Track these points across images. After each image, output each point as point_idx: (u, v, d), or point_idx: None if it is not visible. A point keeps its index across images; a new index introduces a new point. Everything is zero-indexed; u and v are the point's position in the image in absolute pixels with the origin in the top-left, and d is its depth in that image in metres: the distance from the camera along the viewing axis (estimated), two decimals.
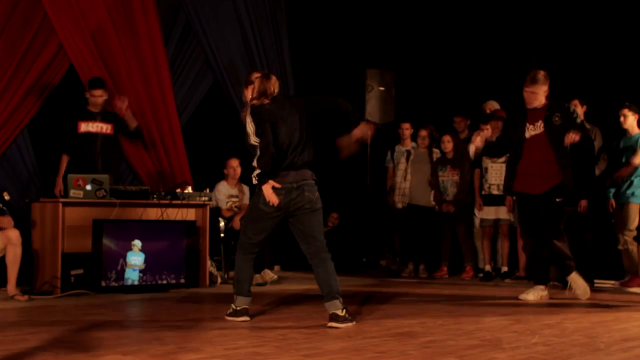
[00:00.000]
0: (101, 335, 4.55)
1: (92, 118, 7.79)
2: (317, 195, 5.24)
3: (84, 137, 7.76)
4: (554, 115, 6.57)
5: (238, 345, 4.21)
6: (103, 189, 7.02)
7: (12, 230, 6.41)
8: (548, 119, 6.58)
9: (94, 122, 7.80)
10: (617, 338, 4.49)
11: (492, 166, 8.44)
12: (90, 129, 7.78)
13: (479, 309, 5.88)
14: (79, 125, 7.76)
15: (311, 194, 5.19)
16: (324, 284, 5.11)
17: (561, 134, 6.50)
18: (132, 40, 8.67)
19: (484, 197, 8.54)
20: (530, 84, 6.60)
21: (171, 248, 7.22)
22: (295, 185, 5.14)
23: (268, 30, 10.26)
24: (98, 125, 7.81)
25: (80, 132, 7.76)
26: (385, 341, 4.36)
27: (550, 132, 6.57)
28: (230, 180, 8.54)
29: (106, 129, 7.85)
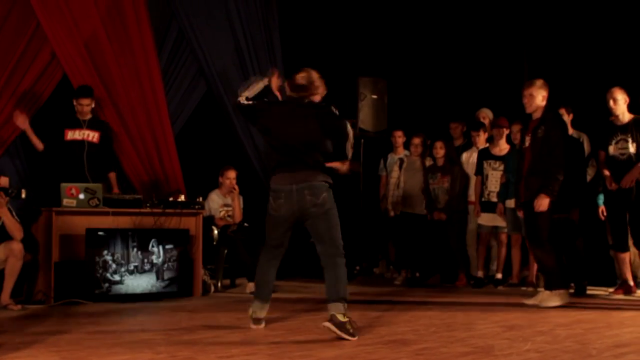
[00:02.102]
0: (94, 344, 4.55)
1: (78, 126, 7.79)
2: (325, 196, 5.09)
3: (70, 145, 7.76)
4: (539, 128, 6.64)
5: (231, 353, 4.22)
6: (96, 197, 7.02)
7: (16, 242, 6.42)
8: (534, 131, 6.66)
9: (80, 130, 7.79)
10: (608, 344, 4.50)
11: (492, 173, 8.48)
12: (76, 136, 7.78)
13: (471, 316, 5.89)
14: (65, 133, 7.77)
15: (314, 197, 5.08)
16: (331, 288, 5.00)
17: (539, 148, 6.60)
18: (125, 49, 8.67)
19: (482, 204, 8.57)
20: (527, 87, 6.70)
21: (164, 257, 7.21)
22: (295, 188, 5.10)
23: (261, 38, 10.27)
24: (84, 133, 7.81)
25: (66, 139, 7.77)
26: (378, 349, 4.37)
27: (533, 144, 6.67)
28: (223, 189, 8.55)
29: (92, 136, 7.84)
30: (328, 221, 5.12)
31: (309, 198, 5.09)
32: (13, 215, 6.51)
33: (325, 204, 5.09)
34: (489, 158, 8.58)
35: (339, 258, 5.08)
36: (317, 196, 5.08)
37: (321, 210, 5.10)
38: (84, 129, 7.81)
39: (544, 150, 6.59)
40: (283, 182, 5.16)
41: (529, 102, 6.72)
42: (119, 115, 8.53)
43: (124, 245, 7.00)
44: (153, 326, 5.54)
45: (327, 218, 5.12)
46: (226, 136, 10.01)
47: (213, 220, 8.40)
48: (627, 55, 8.65)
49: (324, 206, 5.10)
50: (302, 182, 5.10)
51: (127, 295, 6.96)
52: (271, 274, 5.38)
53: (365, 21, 10.96)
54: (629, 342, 4.56)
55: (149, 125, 8.80)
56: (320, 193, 5.09)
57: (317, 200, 5.09)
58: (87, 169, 7.72)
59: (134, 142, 8.67)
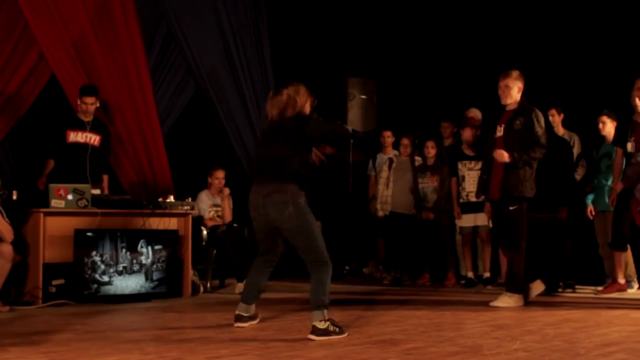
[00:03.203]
0: (82, 345, 4.54)
1: (81, 127, 7.78)
2: (290, 211, 4.97)
3: (72, 147, 7.74)
4: (517, 119, 6.61)
5: (220, 354, 4.21)
6: (85, 198, 7.00)
7: (6, 244, 6.39)
8: (510, 122, 6.63)
9: (83, 132, 7.78)
10: (597, 343, 4.51)
11: (469, 174, 8.47)
12: (79, 139, 7.77)
13: (460, 316, 5.90)
14: (67, 134, 7.75)
15: (277, 213, 5.01)
16: (312, 295, 4.94)
17: (516, 139, 6.54)
18: (114, 49, 8.65)
19: (462, 205, 8.55)
20: (503, 77, 6.69)
21: (153, 257, 7.20)
22: (261, 202, 5.09)
23: (250, 39, 10.28)
24: (87, 136, 7.80)
25: (68, 141, 7.74)
26: (367, 348, 4.37)
27: (507, 135, 6.63)
28: (213, 189, 8.55)
29: (94, 140, 7.85)
30: (300, 234, 5.03)
31: (273, 215, 5.05)
32: (4, 217, 6.48)
33: (291, 219, 4.99)
34: (463, 158, 8.57)
35: (321, 265, 4.99)
36: (281, 212, 5.00)
37: (290, 225, 5.02)
38: (87, 131, 7.79)
39: (524, 142, 6.56)
40: (253, 194, 5.18)
41: (504, 93, 6.69)
42: (107, 115, 8.52)
43: (113, 246, 6.98)
44: (142, 327, 5.53)
45: (298, 232, 5.03)
46: (215, 136, 10.01)
47: (202, 220, 8.40)
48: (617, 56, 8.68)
49: (292, 222, 5.00)
50: (267, 196, 5.06)
51: (116, 296, 6.94)
52: (257, 279, 5.39)
53: (354, 21, 10.97)
54: (617, 341, 4.58)
55: (137, 126, 8.79)
56: (285, 209, 4.99)
57: (283, 216, 5.01)
58: (89, 172, 7.72)
59: (123, 142, 8.66)
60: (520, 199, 6.58)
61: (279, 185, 5.02)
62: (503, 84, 6.70)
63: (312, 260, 5.01)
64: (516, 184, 6.55)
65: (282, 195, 4.99)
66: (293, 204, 4.98)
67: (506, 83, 6.68)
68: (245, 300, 5.38)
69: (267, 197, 5.05)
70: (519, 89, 6.70)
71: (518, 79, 6.71)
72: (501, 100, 6.74)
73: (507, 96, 6.69)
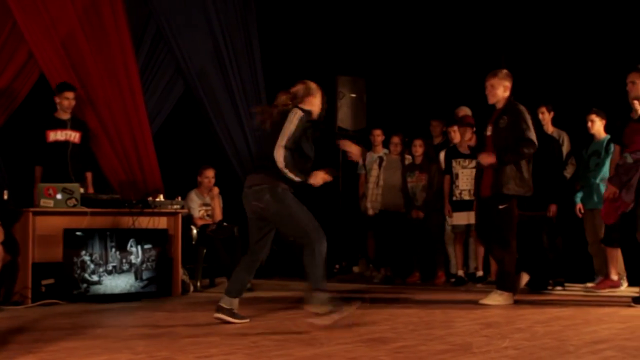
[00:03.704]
0: (72, 345, 4.53)
1: (60, 126, 7.75)
2: (267, 199, 5.20)
3: (53, 147, 7.72)
4: (501, 118, 6.63)
5: (210, 353, 4.20)
6: (74, 197, 6.98)
7: None
8: (496, 121, 6.65)
9: (62, 131, 7.76)
10: (586, 341, 4.53)
11: (463, 172, 8.48)
12: (59, 137, 7.74)
13: (450, 314, 5.91)
14: (47, 135, 7.72)
15: (258, 202, 5.26)
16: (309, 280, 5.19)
17: (502, 137, 6.56)
18: (103, 48, 8.64)
19: (455, 203, 8.55)
20: (490, 77, 6.71)
21: (143, 257, 7.18)
22: (247, 191, 5.34)
23: (239, 38, 10.26)
24: (67, 134, 7.77)
25: (49, 141, 7.72)
26: (356, 347, 4.37)
27: (495, 134, 6.65)
28: (202, 188, 8.54)
29: (74, 137, 7.82)
30: (283, 218, 5.26)
31: (254, 203, 5.30)
32: None
33: (269, 206, 5.22)
34: (458, 157, 8.58)
35: (315, 244, 5.16)
36: (259, 200, 5.26)
37: (269, 213, 5.26)
38: (67, 129, 7.77)
39: (510, 140, 6.58)
40: (245, 185, 5.43)
41: (490, 93, 6.72)
42: (97, 114, 8.51)
43: (102, 245, 6.96)
44: (131, 326, 5.52)
45: (280, 216, 5.26)
46: (204, 135, 9.99)
47: (192, 219, 8.39)
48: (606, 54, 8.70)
49: (270, 209, 5.23)
50: (249, 187, 5.34)
51: (106, 295, 6.92)
52: (242, 275, 5.49)
53: (344, 20, 10.97)
54: (607, 339, 4.60)
55: (127, 125, 8.77)
56: (262, 197, 5.23)
57: (261, 205, 5.26)
58: (70, 170, 7.69)
59: (112, 141, 8.64)
60: (509, 197, 6.59)
61: (261, 177, 5.28)
62: (489, 83, 6.73)
63: (304, 242, 5.20)
64: (505, 182, 6.55)
65: (260, 184, 5.24)
66: (269, 191, 5.21)
67: (491, 83, 6.71)
68: (228, 293, 5.46)
69: (249, 188, 5.33)
70: (505, 87, 6.71)
71: (504, 78, 6.71)
72: (488, 99, 6.76)
73: (493, 95, 6.72)
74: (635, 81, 6.51)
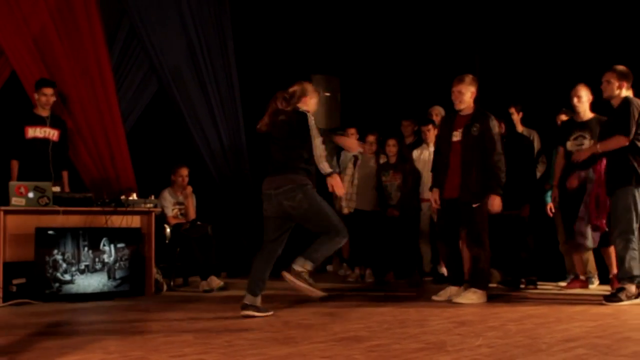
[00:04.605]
0: (43, 345, 4.49)
1: (40, 123, 7.69)
2: (300, 198, 5.45)
3: (32, 144, 7.65)
4: (473, 125, 6.68)
5: (184, 352, 4.19)
6: (46, 196, 6.92)
7: None
8: (467, 128, 6.69)
9: (42, 127, 7.70)
10: (558, 339, 4.56)
11: None
12: (37, 134, 7.68)
13: (424, 313, 5.93)
14: (25, 131, 7.65)
15: (289, 201, 5.48)
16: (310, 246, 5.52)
17: (474, 146, 6.61)
18: (76, 45, 8.57)
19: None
20: (457, 83, 6.74)
21: (116, 256, 7.14)
22: (273, 193, 5.52)
23: (213, 36, 10.23)
24: (46, 131, 7.71)
25: (27, 137, 7.65)
26: (331, 346, 4.37)
27: (466, 141, 6.69)
28: (176, 187, 8.51)
29: (53, 134, 7.76)
30: (314, 216, 5.52)
31: (285, 203, 5.51)
32: None
33: (302, 205, 5.48)
34: None
35: (338, 234, 5.55)
36: (292, 199, 5.49)
37: (299, 211, 5.50)
38: (47, 126, 7.70)
39: (482, 149, 6.62)
40: (266, 187, 5.62)
41: (457, 99, 6.75)
42: (69, 112, 8.45)
43: (75, 244, 6.91)
44: (104, 326, 5.48)
45: (309, 216, 5.52)
46: (178, 134, 9.95)
47: (165, 218, 8.35)
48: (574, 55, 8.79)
49: (302, 207, 5.48)
50: (279, 187, 5.51)
51: (78, 295, 6.88)
52: (262, 270, 5.69)
53: (318, 19, 10.97)
54: (578, 337, 4.63)
55: (100, 123, 8.71)
56: (295, 196, 5.48)
57: (293, 204, 5.50)
58: (51, 167, 7.64)
59: (85, 139, 8.58)
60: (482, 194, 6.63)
61: (288, 178, 5.51)
62: (456, 89, 6.76)
63: (330, 230, 5.54)
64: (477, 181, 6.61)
65: (290, 185, 5.49)
66: (301, 190, 5.49)
67: (459, 89, 6.74)
68: (251, 291, 5.67)
69: (275, 189, 5.54)
70: (472, 93, 6.76)
71: (471, 84, 6.76)
72: (455, 105, 6.79)
73: (461, 102, 6.75)
74: (610, 80, 6.58)
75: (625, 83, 6.54)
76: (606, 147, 6.50)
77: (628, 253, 6.35)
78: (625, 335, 4.66)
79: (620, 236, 6.39)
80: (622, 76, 6.54)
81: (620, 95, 6.54)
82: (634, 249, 6.37)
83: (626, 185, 6.40)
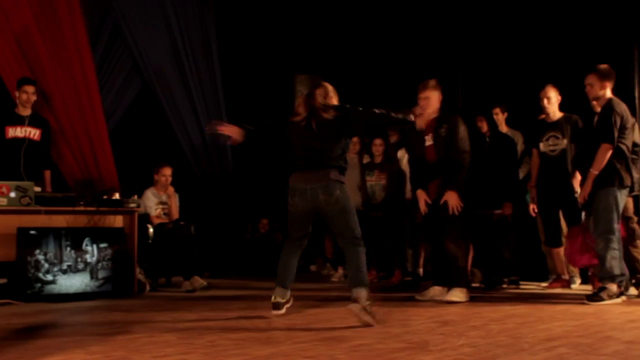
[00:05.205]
0: (25, 346, 4.46)
1: (20, 122, 7.65)
2: (338, 194, 5.46)
3: (10, 143, 7.61)
4: (441, 127, 6.70)
5: (166, 352, 4.17)
6: (28, 196, 6.88)
7: None
8: (436, 131, 6.71)
9: (22, 127, 7.65)
10: (540, 338, 4.58)
11: None
12: (17, 134, 7.64)
13: (406, 312, 5.94)
14: (6, 131, 7.61)
15: (326, 195, 5.46)
16: (351, 271, 5.47)
17: (445, 146, 6.64)
18: (58, 44, 8.53)
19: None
20: (422, 90, 6.75)
21: (98, 256, 7.11)
22: (309, 187, 5.49)
23: (197, 35, 10.22)
24: (26, 130, 7.66)
25: (7, 137, 7.61)
26: (314, 346, 4.37)
27: (437, 144, 6.71)
28: (159, 187, 8.48)
29: (34, 134, 7.72)
30: (344, 216, 5.52)
31: (322, 197, 5.48)
32: None
33: (339, 201, 5.48)
34: None
35: (359, 247, 5.52)
36: (330, 195, 5.47)
37: (336, 207, 5.49)
38: (26, 125, 7.66)
39: (449, 148, 6.65)
40: (298, 183, 5.58)
41: (426, 105, 6.73)
42: (52, 111, 8.40)
43: (57, 244, 6.88)
44: (86, 326, 5.46)
45: (342, 214, 5.51)
46: (162, 133, 9.93)
47: (148, 218, 8.32)
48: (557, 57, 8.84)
49: (338, 204, 5.48)
50: (316, 182, 5.49)
51: (60, 295, 6.84)
52: (292, 263, 5.78)
53: (302, 19, 10.97)
54: (560, 336, 4.66)
55: (82, 122, 8.67)
56: (334, 192, 5.47)
57: (331, 199, 5.48)
58: (22, 167, 7.58)
59: (67, 139, 8.53)
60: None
61: (326, 173, 5.50)
62: (423, 95, 6.75)
63: (351, 237, 5.52)
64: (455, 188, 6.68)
65: (331, 180, 5.48)
66: (340, 187, 5.51)
67: (426, 95, 6.75)
68: (282, 284, 5.74)
69: (311, 184, 5.50)
70: (438, 97, 6.77)
71: (435, 87, 6.78)
72: (423, 111, 6.76)
73: (429, 106, 6.74)
74: (592, 83, 6.62)
75: (608, 83, 6.58)
76: (599, 166, 6.48)
77: (609, 253, 6.40)
78: (607, 335, 4.69)
79: (601, 236, 6.43)
80: (604, 76, 6.57)
81: (605, 96, 6.58)
82: (614, 249, 6.41)
83: (608, 187, 6.44)
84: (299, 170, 5.62)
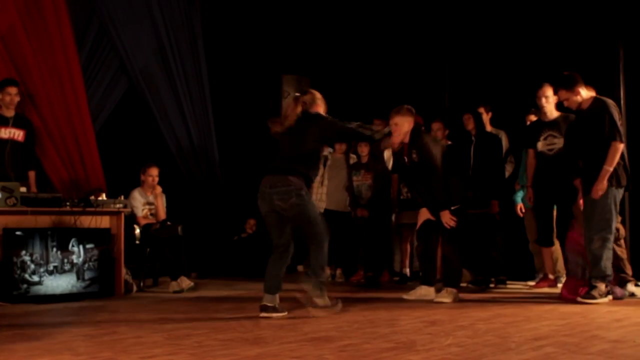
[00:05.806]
0: (11, 347, 4.44)
1: (3, 123, 7.60)
2: (292, 201, 5.58)
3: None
4: (412, 152, 6.72)
5: (153, 353, 4.16)
6: (14, 196, 6.84)
7: None
8: (409, 156, 6.75)
9: (6, 128, 7.61)
10: (527, 337, 4.59)
11: None
12: (2, 135, 7.60)
13: (394, 312, 5.94)
14: None
15: (282, 202, 5.59)
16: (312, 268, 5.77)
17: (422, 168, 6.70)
18: (44, 44, 8.48)
19: (402, 202, 8.61)
20: (393, 116, 6.74)
21: (85, 256, 7.09)
22: (267, 191, 5.63)
23: (184, 35, 10.19)
24: (10, 131, 7.63)
25: None
26: (301, 346, 4.37)
27: (413, 168, 6.78)
28: (146, 187, 8.45)
29: (18, 135, 7.68)
30: (300, 222, 5.68)
31: (277, 203, 5.62)
32: None
33: (293, 208, 5.59)
34: None
35: (318, 247, 5.69)
36: (284, 201, 5.59)
37: (290, 213, 5.63)
38: (10, 127, 7.62)
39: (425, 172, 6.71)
40: (263, 184, 5.72)
41: (395, 131, 6.70)
42: (38, 111, 8.35)
43: (43, 245, 6.85)
44: (73, 327, 5.43)
45: (298, 219, 5.66)
46: (148, 133, 9.90)
47: (135, 218, 8.29)
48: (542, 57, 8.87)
49: (292, 210, 5.60)
50: (274, 187, 5.62)
51: (47, 296, 6.81)
52: (276, 271, 5.80)
53: (288, 19, 10.97)
54: (547, 335, 4.67)
55: (68, 122, 8.63)
56: (288, 199, 5.57)
57: (285, 206, 5.60)
58: (8, 167, 7.55)
59: (54, 139, 8.49)
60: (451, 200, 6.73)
61: (287, 179, 5.61)
62: (393, 122, 6.72)
63: (312, 242, 5.74)
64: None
65: (287, 187, 5.59)
66: (296, 194, 5.59)
67: (396, 121, 6.72)
68: (268, 290, 5.75)
69: (272, 188, 5.63)
70: (409, 122, 6.75)
71: (406, 114, 6.75)
72: (393, 138, 6.76)
73: (399, 134, 6.72)
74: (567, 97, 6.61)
75: (578, 86, 6.55)
76: (612, 162, 6.46)
77: (604, 253, 6.39)
78: (593, 334, 4.71)
79: (598, 234, 6.41)
80: (570, 85, 6.54)
81: (584, 97, 6.57)
82: (610, 249, 6.43)
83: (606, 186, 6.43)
84: (267, 173, 5.75)
